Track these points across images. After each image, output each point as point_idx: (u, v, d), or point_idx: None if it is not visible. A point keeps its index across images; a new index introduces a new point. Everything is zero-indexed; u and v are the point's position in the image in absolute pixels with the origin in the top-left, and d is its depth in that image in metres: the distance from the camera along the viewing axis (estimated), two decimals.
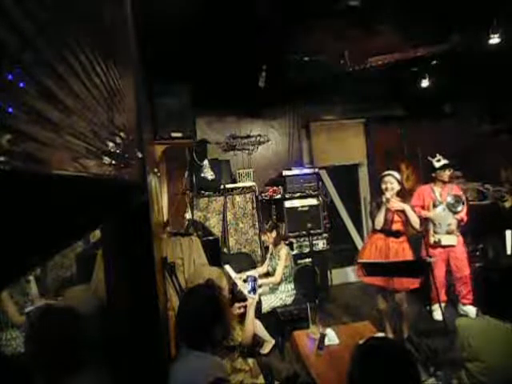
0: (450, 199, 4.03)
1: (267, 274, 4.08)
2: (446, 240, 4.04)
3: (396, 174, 3.59)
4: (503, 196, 4.97)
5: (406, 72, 4.35)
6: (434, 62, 4.09)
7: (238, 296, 2.93)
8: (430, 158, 4.14)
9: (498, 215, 4.76)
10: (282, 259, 3.83)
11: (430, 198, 4.12)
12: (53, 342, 1.30)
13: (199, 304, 1.73)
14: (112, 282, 1.41)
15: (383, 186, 3.52)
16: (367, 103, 5.74)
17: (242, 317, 2.46)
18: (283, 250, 3.88)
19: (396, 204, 3.45)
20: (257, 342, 3.65)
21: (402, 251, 3.47)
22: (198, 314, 1.70)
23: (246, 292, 2.63)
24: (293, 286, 3.95)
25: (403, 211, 3.46)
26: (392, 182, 3.50)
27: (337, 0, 2.73)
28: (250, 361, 2.34)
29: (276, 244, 3.98)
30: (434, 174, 4.14)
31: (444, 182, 4.09)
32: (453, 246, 4.04)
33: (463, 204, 4.01)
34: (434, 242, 4.06)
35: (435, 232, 4.08)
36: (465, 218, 4.05)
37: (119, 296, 1.41)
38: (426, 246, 4.03)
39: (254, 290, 2.58)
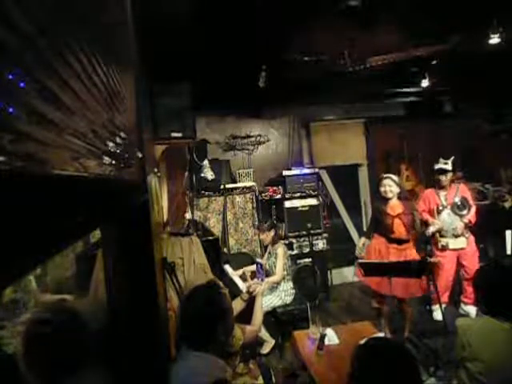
0: (457, 200, 3.95)
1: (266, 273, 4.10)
2: (454, 244, 3.97)
3: (394, 176, 3.57)
4: (503, 196, 4.97)
5: (406, 72, 4.35)
6: (434, 61, 4.09)
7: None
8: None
9: (498, 215, 4.75)
10: (279, 257, 3.83)
11: (434, 202, 4.06)
12: (52, 342, 1.30)
13: (200, 304, 1.73)
14: (112, 282, 1.41)
15: (382, 189, 3.51)
16: (367, 103, 5.74)
17: (241, 319, 2.45)
18: (280, 249, 3.89)
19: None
20: (257, 341, 3.65)
21: (403, 258, 3.42)
22: (199, 315, 1.70)
23: (241, 286, 2.67)
24: (292, 285, 3.95)
25: (404, 214, 3.41)
26: (391, 184, 3.48)
27: (337, 0, 2.73)
28: (250, 362, 2.34)
29: (274, 243, 3.99)
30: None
31: (447, 186, 4.02)
32: (462, 248, 3.97)
33: (469, 207, 3.94)
34: (442, 246, 4.01)
35: (442, 236, 4.02)
36: (473, 220, 3.95)
37: (119, 296, 1.41)
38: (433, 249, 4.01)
39: (261, 276, 2.63)
